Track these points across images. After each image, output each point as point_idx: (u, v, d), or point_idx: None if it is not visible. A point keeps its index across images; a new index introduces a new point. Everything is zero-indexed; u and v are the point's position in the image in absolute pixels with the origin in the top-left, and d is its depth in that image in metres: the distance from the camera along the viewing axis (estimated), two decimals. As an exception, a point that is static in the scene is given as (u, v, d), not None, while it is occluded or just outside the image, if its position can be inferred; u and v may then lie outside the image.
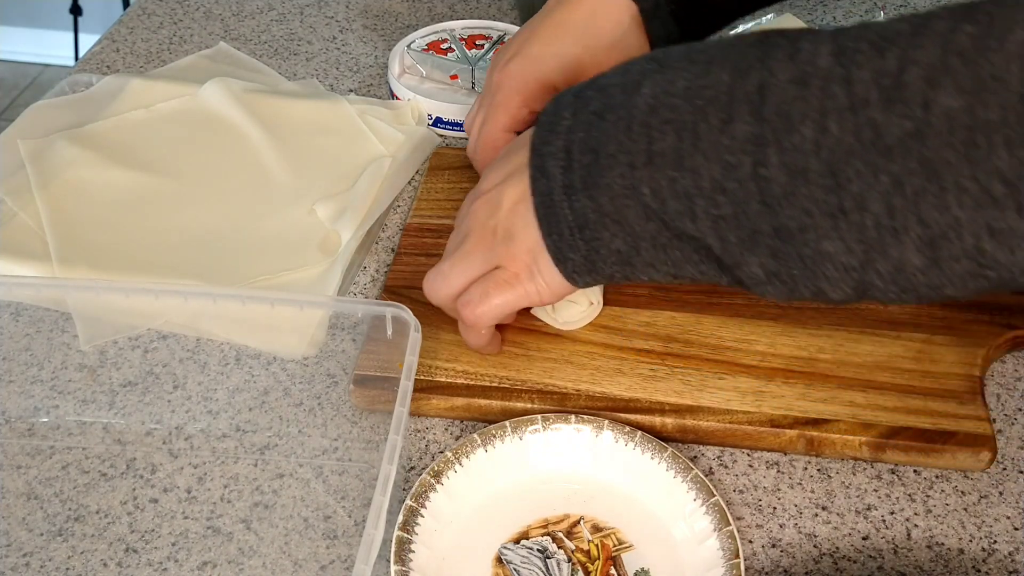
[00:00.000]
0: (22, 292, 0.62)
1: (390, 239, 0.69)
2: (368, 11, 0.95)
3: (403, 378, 0.50)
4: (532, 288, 0.53)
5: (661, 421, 0.54)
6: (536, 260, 0.52)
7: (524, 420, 0.53)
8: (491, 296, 0.53)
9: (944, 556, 0.50)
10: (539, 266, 0.52)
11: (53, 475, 0.54)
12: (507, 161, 0.54)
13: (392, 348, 0.54)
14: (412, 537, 0.48)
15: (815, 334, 0.59)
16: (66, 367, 0.60)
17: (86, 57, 0.88)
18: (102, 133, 0.76)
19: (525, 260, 0.52)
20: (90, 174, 0.72)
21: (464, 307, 0.54)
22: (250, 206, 0.70)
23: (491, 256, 0.53)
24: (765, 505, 0.53)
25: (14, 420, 0.57)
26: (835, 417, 0.54)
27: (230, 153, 0.75)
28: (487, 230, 0.53)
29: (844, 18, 0.92)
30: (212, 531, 0.51)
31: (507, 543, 0.50)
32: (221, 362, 0.60)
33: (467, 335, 0.56)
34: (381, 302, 0.54)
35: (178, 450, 0.55)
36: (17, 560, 0.50)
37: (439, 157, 0.74)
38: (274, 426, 0.57)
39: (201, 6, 0.95)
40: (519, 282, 0.53)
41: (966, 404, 0.55)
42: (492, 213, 0.53)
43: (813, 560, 0.50)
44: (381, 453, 0.47)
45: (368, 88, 0.84)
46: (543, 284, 0.53)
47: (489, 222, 0.53)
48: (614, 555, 0.49)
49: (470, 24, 0.87)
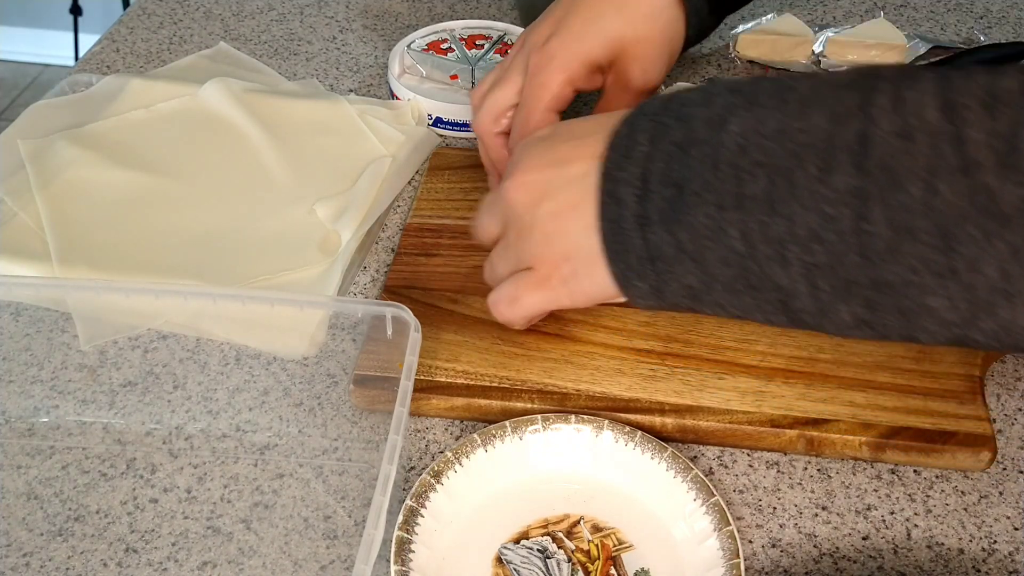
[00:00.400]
0: (22, 292, 0.62)
1: (390, 239, 0.69)
2: (368, 11, 0.95)
3: (403, 378, 0.50)
4: (564, 292, 0.52)
5: (661, 421, 0.54)
6: (576, 269, 0.51)
7: (524, 420, 0.53)
8: (521, 299, 0.53)
9: (944, 556, 0.50)
10: (577, 274, 0.51)
11: (53, 475, 0.54)
12: (557, 156, 0.52)
13: (392, 348, 0.54)
14: (412, 537, 0.48)
15: (815, 334, 0.59)
16: (66, 367, 0.60)
17: (86, 57, 0.88)
18: (102, 133, 0.76)
19: (558, 265, 0.51)
20: (90, 174, 0.72)
21: (494, 307, 0.55)
22: (250, 206, 0.70)
23: (523, 255, 0.53)
24: (765, 505, 0.53)
25: (14, 420, 0.57)
26: (835, 417, 0.54)
27: (230, 153, 0.75)
28: (523, 224, 0.52)
29: (844, 18, 0.92)
30: (212, 531, 0.51)
31: (507, 543, 0.50)
32: (221, 362, 0.60)
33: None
34: (381, 302, 0.54)
35: (178, 450, 0.55)
36: (17, 560, 0.50)
37: (439, 157, 0.74)
38: (274, 426, 0.57)
39: (201, 6, 0.95)
40: (550, 286, 0.52)
41: (966, 404, 0.55)
42: (531, 208, 0.52)
43: (813, 560, 0.50)
44: (381, 453, 0.47)
45: (368, 88, 0.84)
46: (578, 291, 0.52)
47: (526, 216, 0.52)
48: (614, 555, 0.49)
49: (470, 24, 0.87)
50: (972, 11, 0.94)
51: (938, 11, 0.94)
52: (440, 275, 0.64)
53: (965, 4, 0.95)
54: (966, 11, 0.94)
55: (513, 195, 0.52)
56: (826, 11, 0.93)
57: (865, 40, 0.84)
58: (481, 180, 0.71)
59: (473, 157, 0.74)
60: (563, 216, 0.50)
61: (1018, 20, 0.93)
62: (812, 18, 0.92)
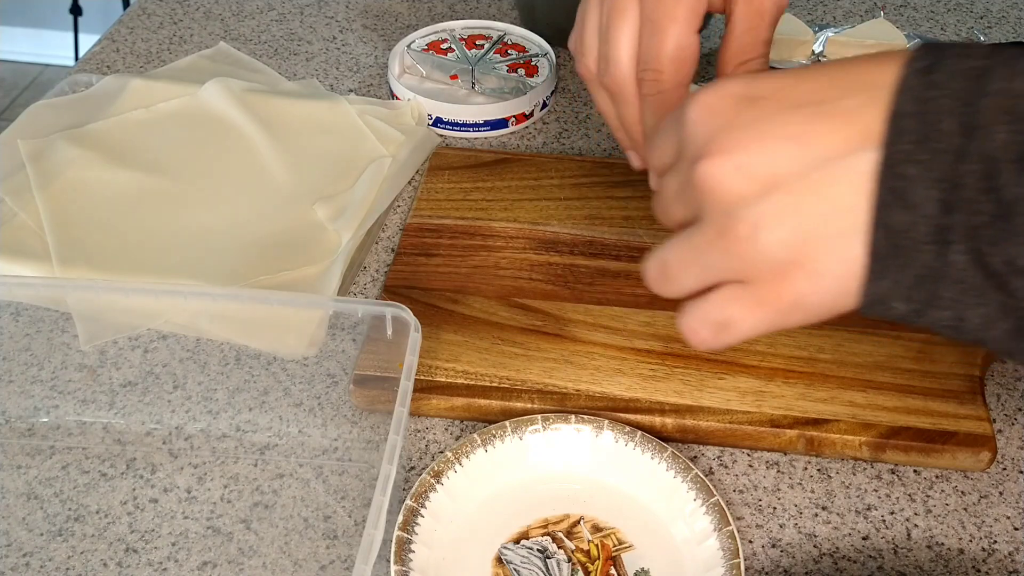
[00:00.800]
0: (22, 292, 0.62)
1: (390, 239, 0.69)
2: (368, 11, 0.95)
3: (403, 378, 0.50)
4: (796, 315, 0.40)
5: (661, 421, 0.54)
6: (815, 284, 0.38)
7: (524, 420, 0.53)
8: (735, 325, 0.40)
9: (944, 556, 0.50)
10: (816, 289, 0.39)
11: (53, 475, 0.54)
12: (788, 129, 0.38)
13: (392, 348, 0.54)
14: (412, 537, 0.48)
15: (815, 334, 0.59)
16: (66, 367, 0.60)
17: (86, 57, 0.88)
18: (102, 133, 0.76)
19: (789, 277, 0.38)
20: (90, 174, 0.72)
21: (692, 334, 0.42)
22: (250, 206, 0.70)
23: (730, 262, 0.39)
24: (765, 505, 0.53)
25: (14, 420, 0.57)
26: (835, 417, 0.54)
27: (230, 153, 0.75)
28: (734, 221, 0.38)
29: (844, 18, 0.92)
30: (212, 531, 0.51)
31: (507, 543, 0.50)
32: (221, 362, 0.60)
33: None
34: (381, 302, 0.54)
35: (178, 450, 0.55)
36: (17, 560, 0.50)
37: (439, 157, 0.74)
38: (274, 426, 0.57)
39: (201, 6, 0.95)
40: (775, 306, 0.39)
41: (966, 404, 0.55)
42: (749, 200, 0.38)
43: (813, 560, 0.50)
44: (381, 453, 0.47)
45: (368, 88, 0.84)
46: (811, 310, 0.40)
47: (740, 211, 0.38)
48: (614, 555, 0.49)
49: (470, 24, 0.87)
50: (972, 11, 0.94)
51: (938, 11, 0.94)
52: (440, 275, 0.64)
53: (965, 4, 0.95)
54: (966, 11, 0.94)
55: (718, 182, 0.38)
56: (826, 11, 0.93)
57: (865, 40, 0.84)
58: (481, 180, 0.71)
59: (473, 157, 0.74)
60: (804, 212, 0.37)
61: (1018, 20, 0.93)
62: (812, 18, 0.92)
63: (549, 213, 0.68)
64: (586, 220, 0.68)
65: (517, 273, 0.64)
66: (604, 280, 0.63)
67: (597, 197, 0.70)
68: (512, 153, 0.75)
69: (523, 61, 0.82)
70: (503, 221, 0.68)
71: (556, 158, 0.74)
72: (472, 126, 0.78)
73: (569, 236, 0.67)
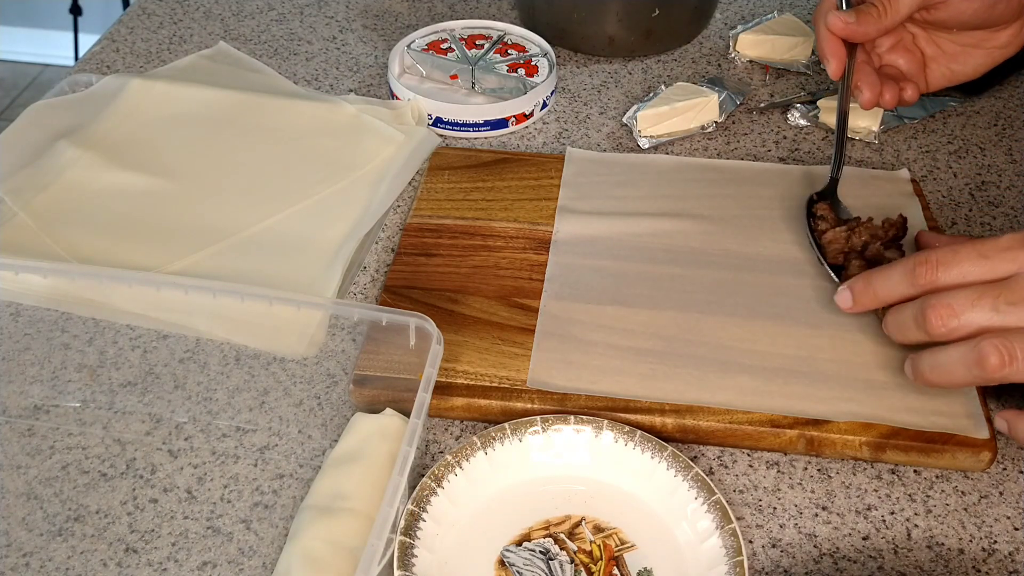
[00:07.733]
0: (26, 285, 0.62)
1: (390, 239, 0.69)
2: (368, 11, 0.95)
3: (420, 390, 0.50)
4: None
5: (661, 421, 0.54)
6: None
7: (524, 422, 0.53)
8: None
9: (944, 556, 0.50)
10: None
11: (53, 475, 0.54)
12: None
13: (392, 348, 0.53)
14: (414, 541, 0.48)
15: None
16: (66, 367, 0.60)
17: (86, 57, 0.88)
18: (102, 133, 0.76)
19: None
20: (90, 174, 0.72)
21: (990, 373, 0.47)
22: (250, 206, 0.70)
23: None
24: (765, 505, 0.53)
25: (14, 420, 0.57)
26: (835, 417, 0.54)
27: (230, 153, 0.75)
28: None
29: (844, 18, 0.91)
30: (212, 531, 0.51)
31: (509, 545, 0.50)
32: (221, 362, 0.60)
33: None
34: (406, 312, 0.54)
35: (178, 450, 0.55)
36: (17, 560, 0.50)
37: (439, 157, 0.74)
38: (274, 426, 0.57)
39: (201, 6, 0.95)
40: None
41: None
42: None
43: (813, 560, 0.50)
44: (381, 453, 0.47)
45: (368, 88, 0.84)
46: None
47: None
48: (616, 555, 0.49)
49: (470, 24, 0.87)
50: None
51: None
52: (440, 275, 0.64)
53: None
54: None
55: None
56: (826, 11, 0.93)
57: None
58: (481, 180, 0.71)
59: (473, 157, 0.74)
60: None
61: (1018, 20, 0.92)
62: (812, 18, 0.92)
63: (549, 213, 0.68)
64: (586, 220, 0.68)
65: (517, 273, 0.64)
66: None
67: (597, 197, 0.70)
68: (512, 153, 0.75)
69: (523, 61, 0.82)
70: (503, 221, 0.68)
71: (556, 158, 0.74)
72: (472, 126, 0.78)
73: (569, 236, 0.66)
